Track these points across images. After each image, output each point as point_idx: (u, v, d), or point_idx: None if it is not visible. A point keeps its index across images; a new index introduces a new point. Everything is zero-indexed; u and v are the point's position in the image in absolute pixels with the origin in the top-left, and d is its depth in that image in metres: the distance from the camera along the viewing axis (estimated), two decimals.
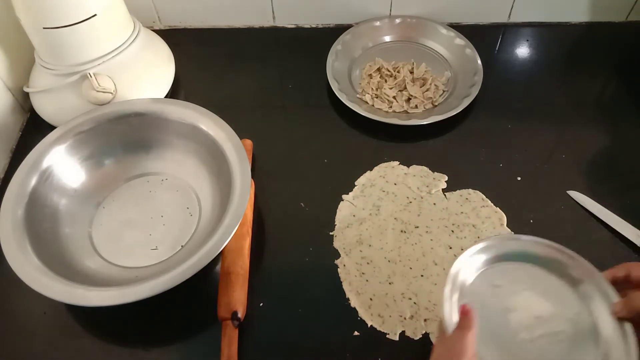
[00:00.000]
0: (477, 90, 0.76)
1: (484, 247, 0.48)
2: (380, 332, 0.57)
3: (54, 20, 0.65)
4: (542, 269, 0.49)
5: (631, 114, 0.77)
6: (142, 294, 0.52)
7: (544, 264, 0.49)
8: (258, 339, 0.57)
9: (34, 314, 0.59)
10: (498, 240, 0.49)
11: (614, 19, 0.89)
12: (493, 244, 0.49)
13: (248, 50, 0.87)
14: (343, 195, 0.68)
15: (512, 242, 0.50)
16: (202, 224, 0.64)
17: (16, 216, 0.58)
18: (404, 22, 0.86)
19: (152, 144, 0.69)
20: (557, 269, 0.48)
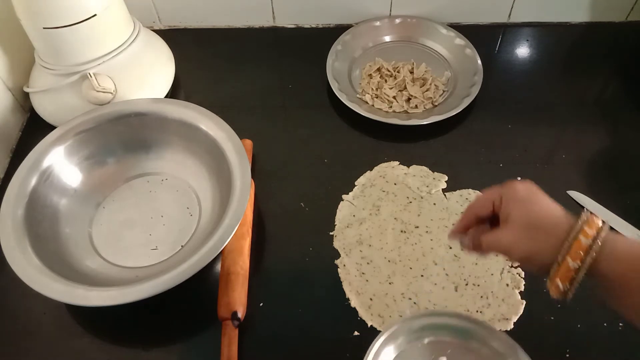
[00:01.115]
0: (477, 90, 0.76)
1: (390, 334, 0.50)
2: (380, 332, 0.57)
3: (54, 20, 0.65)
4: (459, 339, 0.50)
5: (631, 114, 0.77)
6: (142, 294, 0.52)
7: (461, 336, 0.50)
8: (258, 339, 0.57)
9: (34, 314, 0.59)
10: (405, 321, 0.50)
11: (614, 19, 0.89)
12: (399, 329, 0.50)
13: (248, 50, 0.87)
14: (343, 195, 0.68)
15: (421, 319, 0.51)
16: (202, 224, 0.64)
17: (16, 216, 0.58)
18: (404, 22, 0.86)
19: (152, 144, 0.69)
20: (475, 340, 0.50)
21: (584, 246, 0.38)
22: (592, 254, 0.37)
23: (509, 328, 0.56)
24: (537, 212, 0.41)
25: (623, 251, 0.38)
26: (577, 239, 0.38)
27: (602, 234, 0.38)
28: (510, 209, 0.42)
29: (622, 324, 0.57)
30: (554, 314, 0.57)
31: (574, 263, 0.38)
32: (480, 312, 0.58)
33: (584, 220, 0.39)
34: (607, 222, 0.39)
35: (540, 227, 0.40)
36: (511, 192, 0.43)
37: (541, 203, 0.42)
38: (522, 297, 0.59)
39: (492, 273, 0.61)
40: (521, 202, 0.42)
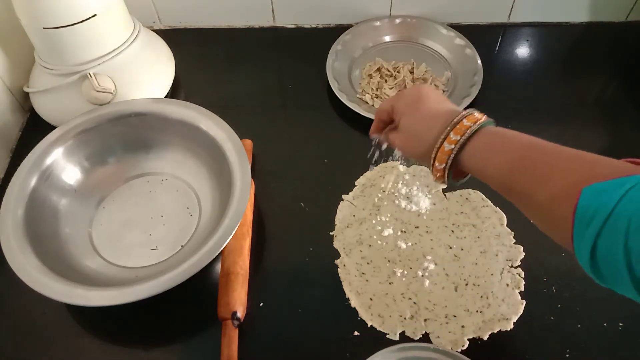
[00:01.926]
0: (477, 90, 0.76)
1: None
2: (380, 332, 0.57)
3: (54, 20, 0.65)
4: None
5: (631, 114, 0.77)
6: (142, 294, 0.52)
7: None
8: (258, 339, 0.57)
9: (34, 314, 0.59)
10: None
11: (614, 19, 0.89)
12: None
13: (248, 50, 0.87)
14: (343, 195, 0.68)
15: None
16: (202, 224, 0.64)
17: (16, 216, 0.58)
18: (404, 22, 0.86)
19: (152, 144, 0.69)
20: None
21: (446, 151, 0.43)
22: (451, 157, 0.43)
23: (509, 328, 0.56)
24: (416, 119, 0.47)
25: (479, 145, 0.42)
26: (441, 145, 0.43)
27: (465, 137, 0.42)
28: (399, 116, 0.48)
29: (622, 324, 0.57)
30: (554, 314, 0.57)
31: (440, 165, 0.44)
32: (480, 312, 0.58)
33: (454, 123, 0.43)
34: (481, 120, 0.43)
35: (417, 132, 0.46)
36: (399, 102, 0.49)
37: (423, 108, 0.47)
38: (522, 297, 0.59)
39: (492, 273, 0.61)
40: (406, 110, 0.48)
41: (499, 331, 0.56)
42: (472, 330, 0.56)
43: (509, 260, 0.62)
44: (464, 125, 0.43)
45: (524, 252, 0.62)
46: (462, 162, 0.44)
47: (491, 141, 0.42)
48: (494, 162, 0.41)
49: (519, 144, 0.41)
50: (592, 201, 0.33)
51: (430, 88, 0.49)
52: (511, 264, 0.61)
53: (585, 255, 0.34)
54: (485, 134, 0.43)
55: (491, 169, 0.42)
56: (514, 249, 0.62)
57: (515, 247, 0.63)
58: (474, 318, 0.57)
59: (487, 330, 0.56)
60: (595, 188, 0.34)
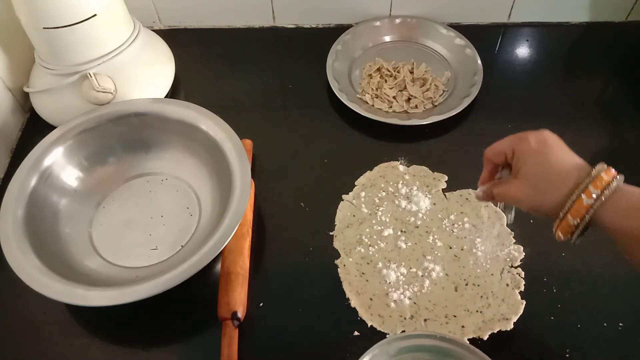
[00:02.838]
0: (477, 90, 0.76)
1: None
2: (380, 332, 0.57)
3: (54, 20, 0.65)
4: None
5: (631, 114, 0.77)
6: (142, 294, 0.52)
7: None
8: (258, 339, 0.57)
9: (34, 314, 0.59)
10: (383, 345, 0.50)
11: (614, 19, 0.89)
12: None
13: (248, 50, 0.87)
14: (343, 195, 0.68)
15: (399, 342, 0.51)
16: (202, 224, 0.64)
17: (16, 216, 0.58)
18: (404, 22, 0.86)
19: (152, 144, 0.69)
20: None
21: (585, 205, 0.39)
22: (591, 212, 0.39)
23: (509, 328, 0.56)
24: (546, 168, 0.42)
25: (626, 206, 0.39)
26: (579, 197, 0.39)
27: (607, 192, 0.39)
28: (522, 163, 0.44)
29: (622, 324, 0.57)
30: (554, 314, 0.57)
31: (574, 220, 0.40)
32: (480, 312, 0.58)
33: (592, 176, 0.40)
34: (617, 176, 0.40)
35: (548, 184, 0.42)
36: (524, 146, 0.44)
37: (552, 157, 0.42)
38: (522, 297, 0.59)
39: (492, 273, 0.61)
40: (532, 156, 0.43)
41: (499, 331, 0.56)
42: (472, 330, 0.56)
43: (509, 260, 0.62)
44: (604, 180, 0.40)
45: (524, 252, 0.62)
46: (602, 219, 0.40)
47: (633, 201, 0.39)
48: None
49: None
50: None
51: (554, 135, 0.45)
52: (511, 264, 0.61)
53: None
54: (628, 191, 0.40)
55: (635, 231, 0.39)
56: (514, 249, 0.62)
57: (515, 247, 0.63)
58: (474, 318, 0.57)
59: (487, 330, 0.56)
60: None
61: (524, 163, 0.44)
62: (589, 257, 0.62)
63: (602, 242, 0.63)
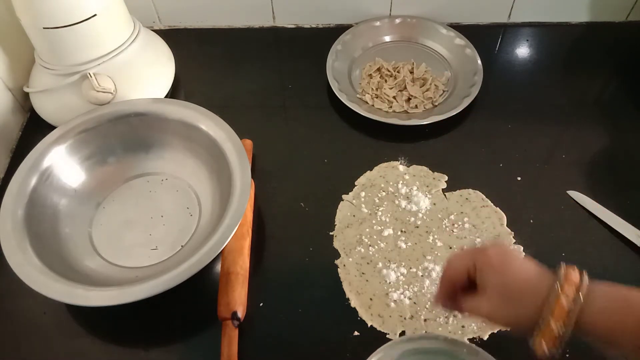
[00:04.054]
0: (477, 90, 0.76)
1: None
2: (380, 332, 0.57)
3: (54, 20, 0.65)
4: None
5: (631, 114, 0.77)
6: (142, 294, 0.52)
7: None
8: (258, 339, 0.57)
9: (34, 314, 0.59)
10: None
11: (614, 19, 0.89)
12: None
13: (248, 50, 0.87)
14: (343, 195, 0.68)
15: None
16: (202, 224, 0.64)
17: (16, 216, 0.58)
18: (404, 22, 0.86)
19: (152, 144, 0.69)
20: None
21: (566, 307, 0.37)
22: (573, 316, 0.37)
23: None
24: (512, 278, 0.40)
25: (608, 300, 0.37)
26: (558, 299, 0.37)
27: (583, 291, 0.37)
28: (485, 277, 0.42)
29: None
30: None
31: (558, 326, 0.37)
32: None
33: (562, 279, 0.38)
34: (584, 273, 0.38)
35: (518, 294, 0.40)
36: (484, 259, 0.42)
37: (515, 268, 0.41)
38: None
39: None
40: (495, 269, 0.41)
41: (499, 331, 0.56)
42: (472, 330, 0.56)
43: None
44: (575, 278, 0.38)
45: (524, 252, 0.62)
46: (587, 323, 0.37)
47: (616, 297, 0.37)
48: (628, 321, 0.36)
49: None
50: None
51: (508, 246, 0.43)
52: None
53: None
54: (599, 288, 0.38)
55: (624, 330, 0.36)
56: (514, 249, 0.62)
57: (515, 247, 0.63)
58: (474, 318, 0.57)
59: (487, 330, 0.56)
60: None
61: (488, 276, 0.41)
62: (589, 257, 0.62)
63: (603, 242, 0.63)
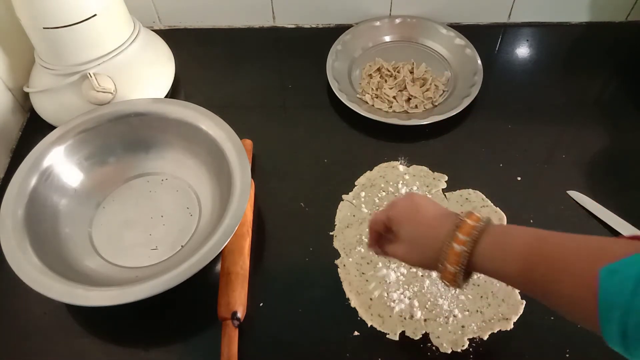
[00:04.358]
0: (477, 90, 0.76)
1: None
2: (380, 332, 0.57)
3: (54, 20, 0.65)
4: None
5: (631, 114, 0.77)
6: (142, 294, 0.52)
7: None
8: (258, 339, 0.57)
9: (34, 314, 0.59)
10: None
11: (614, 19, 0.89)
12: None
13: (248, 50, 0.87)
14: (343, 195, 0.68)
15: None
16: (202, 224, 0.64)
17: (16, 216, 0.58)
18: (404, 22, 0.86)
19: (152, 144, 0.69)
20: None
21: (457, 252, 0.42)
22: (464, 259, 0.42)
23: (509, 328, 0.57)
24: (417, 226, 0.46)
25: (489, 247, 0.42)
26: (450, 246, 0.42)
27: (473, 236, 0.42)
28: (397, 226, 0.48)
29: None
30: (554, 314, 0.57)
31: (453, 268, 0.43)
32: (480, 312, 0.58)
33: (458, 226, 0.43)
34: (480, 218, 0.43)
35: (423, 240, 0.46)
36: (394, 212, 0.48)
37: (420, 216, 0.46)
38: (522, 297, 0.59)
39: None
40: (404, 219, 0.47)
41: (499, 331, 0.56)
42: (472, 330, 0.56)
43: None
44: (469, 225, 0.42)
45: None
46: (475, 263, 0.43)
47: (502, 239, 0.42)
48: (507, 258, 0.41)
49: (527, 238, 0.41)
50: (611, 283, 0.33)
51: (421, 195, 0.49)
52: None
53: (616, 337, 0.33)
54: (492, 232, 0.42)
55: (508, 268, 0.41)
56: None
57: None
58: (474, 318, 0.57)
59: (487, 330, 0.56)
60: (612, 269, 0.34)
61: (398, 227, 0.47)
62: None
63: None
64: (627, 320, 0.32)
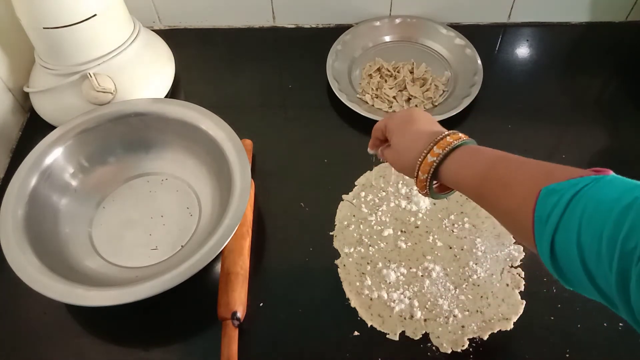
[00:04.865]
0: (477, 90, 0.76)
1: None
2: (380, 332, 0.57)
3: (54, 20, 0.65)
4: None
5: (631, 114, 0.77)
6: (142, 294, 0.52)
7: None
8: (258, 339, 0.57)
9: (34, 314, 0.59)
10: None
11: (614, 19, 0.89)
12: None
13: (248, 50, 0.87)
14: (343, 195, 0.68)
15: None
16: (202, 224, 0.64)
17: (16, 216, 0.58)
18: (404, 22, 0.86)
19: (152, 144, 0.69)
20: None
21: (429, 162, 0.47)
22: (433, 166, 0.46)
23: (509, 328, 0.57)
24: (405, 137, 0.50)
25: (458, 159, 0.46)
26: (426, 157, 0.47)
27: (446, 150, 0.46)
28: (390, 135, 0.53)
29: (622, 324, 0.57)
30: (554, 314, 0.57)
31: (423, 175, 0.48)
32: (480, 312, 0.58)
33: (438, 139, 0.47)
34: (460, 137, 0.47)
35: (407, 150, 0.50)
36: (392, 122, 0.53)
37: (412, 128, 0.50)
38: (522, 297, 0.59)
39: (492, 273, 0.61)
40: (397, 129, 0.52)
41: (499, 331, 0.56)
42: (472, 330, 0.56)
43: (509, 260, 0.62)
44: (447, 142, 0.46)
45: (524, 252, 0.62)
46: (442, 174, 0.47)
47: (466, 155, 0.46)
48: (467, 173, 0.45)
49: (490, 157, 0.44)
50: (548, 201, 0.36)
51: (421, 111, 0.53)
52: (511, 264, 0.61)
53: (546, 253, 0.36)
54: (464, 150, 0.46)
55: (465, 180, 0.45)
56: (514, 249, 0.62)
57: (515, 247, 0.63)
58: (474, 318, 0.57)
59: (487, 330, 0.56)
60: (552, 189, 0.36)
61: (391, 135, 0.52)
62: None
63: None
64: (555, 236, 0.34)
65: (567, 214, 0.34)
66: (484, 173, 0.43)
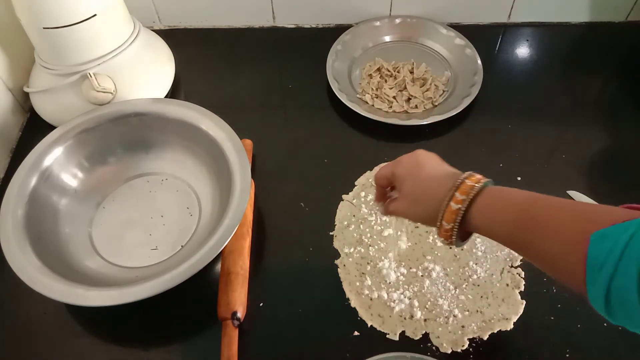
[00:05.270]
0: (477, 90, 0.76)
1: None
2: (380, 332, 0.57)
3: (54, 20, 0.65)
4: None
5: (631, 114, 0.77)
6: (142, 294, 0.52)
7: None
8: (258, 339, 0.57)
9: (34, 314, 0.59)
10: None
11: (614, 19, 0.89)
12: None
13: (248, 50, 0.87)
14: (343, 195, 0.68)
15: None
16: (202, 224, 0.64)
17: (16, 216, 0.58)
18: (404, 22, 0.86)
19: (152, 144, 0.69)
20: None
21: (454, 210, 0.44)
22: (460, 215, 0.44)
23: (509, 328, 0.57)
24: (419, 185, 0.48)
25: (483, 206, 0.43)
26: (449, 204, 0.44)
27: (470, 196, 0.43)
28: (400, 183, 0.49)
29: None
30: (554, 314, 0.57)
31: (449, 225, 0.44)
32: (480, 312, 0.58)
33: (458, 184, 0.44)
34: (481, 179, 0.45)
35: (423, 197, 0.47)
36: (399, 168, 0.50)
37: (424, 174, 0.48)
38: (522, 297, 0.59)
39: (492, 273, 0.61)
40: (407, 177, 0.49)
41: (499, 331, 0.56)
42: (472, 330, 0.56)
43: (509, 260, 0.62)
44: (468, 185, 0.44)
45: None
46: (470, 221, 0.44)
47: (496, 199, 0.43)
48: (498, 219, 0.43)
49: (518, 199, 0.43)
50: (600, 248, 0.34)
51: (426, 152, 0.50)
52: (511, 264, 0.61)
53: (600, 300, 0.35)
54: (489, 193, 0.44)
55: (499, 227, 0.43)
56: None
57: None
58: (474, 318, 0.57)
59: (487, 330, 0.56)
60: (602, 234, 0.35)
61: (401, 184, 0.49)
62: None
63: None
64: (611, 283, 0.34)
65: (623, 261, 0.33)
66: (516, 218, 0.41)
